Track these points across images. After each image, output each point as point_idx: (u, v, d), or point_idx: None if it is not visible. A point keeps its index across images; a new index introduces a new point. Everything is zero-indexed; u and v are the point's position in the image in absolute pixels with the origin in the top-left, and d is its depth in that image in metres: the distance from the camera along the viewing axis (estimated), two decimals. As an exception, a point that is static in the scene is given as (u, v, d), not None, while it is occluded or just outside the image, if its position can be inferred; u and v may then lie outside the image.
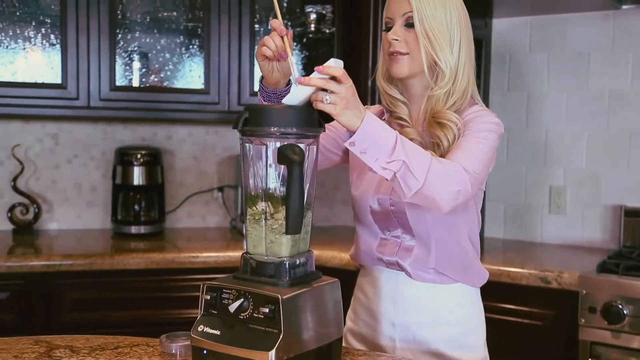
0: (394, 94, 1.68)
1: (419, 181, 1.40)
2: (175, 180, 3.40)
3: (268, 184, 1.33)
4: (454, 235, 1.63)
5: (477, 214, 1.67)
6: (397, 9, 1.61)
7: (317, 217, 3.55)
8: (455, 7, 1.61)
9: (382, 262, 1.68)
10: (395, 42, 1.60)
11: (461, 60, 1.60)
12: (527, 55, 3.17)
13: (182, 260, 2.75)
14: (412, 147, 1.42)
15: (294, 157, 1.24)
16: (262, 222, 1.34)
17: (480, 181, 1.53)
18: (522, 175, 3.20)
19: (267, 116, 1.31)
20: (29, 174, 3.18)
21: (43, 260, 2.61)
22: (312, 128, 1.35)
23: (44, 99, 2.90)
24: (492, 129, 1.57)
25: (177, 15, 3.09)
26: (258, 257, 1.35)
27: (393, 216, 1.63)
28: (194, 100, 3.08)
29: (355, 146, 1.38)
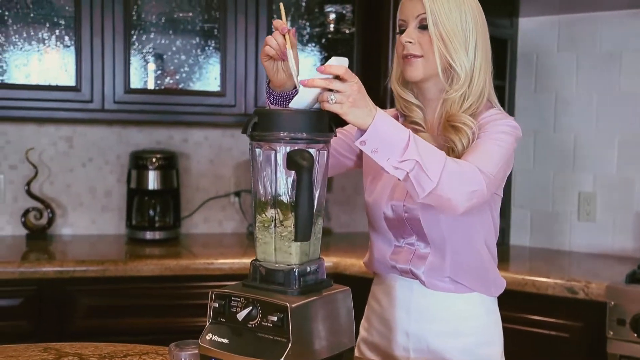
0: (408, 98, 1.70)
1: (432, 181, 1.40)
2: (191, 185, 3.44)
3: (277, 190, 1.36)
4: (470, 243, 1.64)
5: (493, 220, 1.68)
6: (410, 11, 1.63)
7: (337, 223, 3.57)
8: (470, 8, 1.62)
9: (395, 270, 1.70)
10: (408, 45, 1.62)
11: (477, 62, 1.61)
12: (555, 56, 3.17)
13: (197, 266, 2.79)
14: (426, 146, 1.43)
15: (302, 163, 1.27)
16: (271, 229, 1.37)
17: (496, 184, 1.54)
18: (549, 181, 3.20)
19: (277, 121, 1.33)
20: (43, 178, 3.24)
21: (56, 266, 2.66)
22: (322, 133, 1.37)
23: (57, 101, 2.95)
24: (508, 131, 1.58)
25: (193, 16, 3.13)
26: (267, 264, 1.38)
27: (407, 223, 1.64)
28: (210, 102, 3.12)
29: (366, 145, 1.39)
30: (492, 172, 1.50)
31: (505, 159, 1.56)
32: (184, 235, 3.37)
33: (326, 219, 3.56)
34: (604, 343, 2.44)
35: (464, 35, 1.60)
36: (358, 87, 1.38)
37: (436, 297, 1.65)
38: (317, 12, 3.25)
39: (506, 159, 1.56)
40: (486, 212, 1.64)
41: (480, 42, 1.62)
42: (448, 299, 1.65)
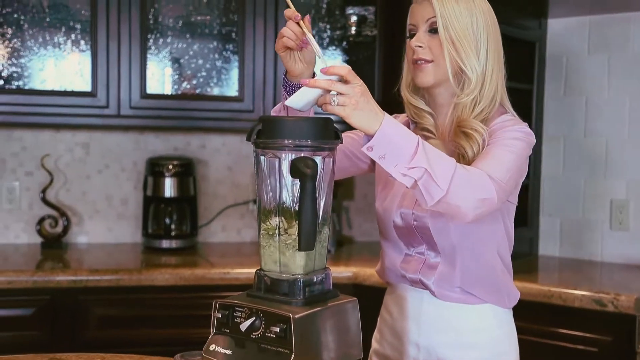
0: (419, 105, 1.72)
1: (442, 189, 1.42)
2: (208, 192, 3.49)
3: (282, 198, 1.38)
4: (482, 252, 1.65)
5: (506, 229, 1.69)
6: (420, 15, 1.65)
7: (358, 231, 3.59)
8: (481, 11, 1.64)
9: (406, 280, 1.71)
10: (419, 49, 1.64)
11: (488, 66, 1.63)
12: (586, 58, 3.15)
13: (212, 276, 2.82)
14: (435, 153, 1.45)
15: (306, 171, 1.29)
16: (275, 237, 1.39)
17: (507, 191, 1.55)
18: (579, 188, 3.18)
19: (281, 128, 1.36)
20: (58, 185, 3.31)
21: (70, 276, 2.72)
22: (327, 140, 1.39)
23: (73, 107, 3.02)
24: (520, 137, 1.59)
25: (211, 19, 3.18)
26: (272, 274, 1.40)
27: (416, 231, 1.66)
28: (228, 108, 3.16)
29: (373, 151, 1.41)
30: (503, 178, 1.51)
31: (518, 166, 1.57)
32: (201, 244, 3.41)
33: (347, 227, 3.58)
34: (633, 358, 2.42)
35: (474, 38, 1.61)
36: (362, 90, 1.40)
37: (447, 308, 1.66)
38: (338, 15, 3.28)
39: (518, 165, 1.57)
40: (498, 220, 1.65)
41: (492, 45, 1.64)
42: (459, 310, 1.66)
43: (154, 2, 3.11)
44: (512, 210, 1.71)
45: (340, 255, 3.25)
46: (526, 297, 2.57)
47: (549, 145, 3.24)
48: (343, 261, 3.11)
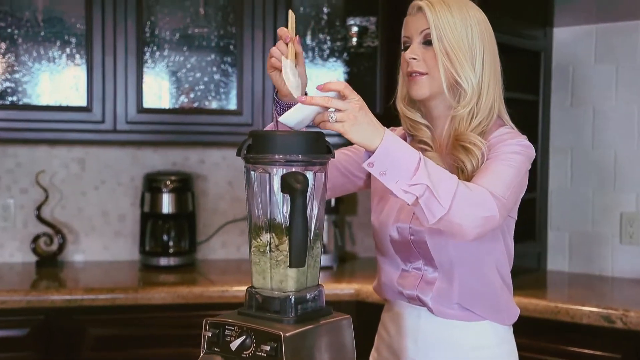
0: (415, 118, 1.74)
1: (443, 207, 1.43)
2: (208, 208, 3.51)
3: (272, 214, 1.40)
4: (480, 268, 1.66)
5: (506, 244, 1.70)
6: (414, 27, 1.67)
7: (361, 247, 3.60)
8: (476, 22, 1.66)
9: (403, 297, 1.73)
10: (413, 62, 1.66)
11: (484, 77, 1.65)
12: (592, 67, 3.17)
13: (210, 294, 2.84)
14: (437, 169, 1.46)
15: (296, 186, 1.31)
16: (266, 253, 1.41)
17: (508, 207, 1.56)
18: (588, 201, 3.19)
19: (271, 143, 1.38)
20: (54, 202, 3.34)
21: (64, 295, 2.74)
22: (319, 155, 1.41)
23: (68, 122, 3.05)
24: (519, 151, 1.61)
25: (209, 32, 3.21)
26: (263, 291, 1.42)
27: (413, 246, 1.67)
28: (227, 121, 3.18)
29: (373, 167, 1.42)
30: (504, 194, 1.53)
31: (518, 181, 1.59)
32: (200, 261, 3.43)
33: (350, 243, 3.59)
34: (643, 376, 2.42)
35: (470, 50, 1.63)
36: (360, 104, 1.42)
37: (445, 325, 1.67)
38: (338, 26, 3.31)
39: (518, 180, 1.59)
40: (497, 236, 1.67)
41: (488, 56, 1.66)
42: (458, 328, 1.67)
43: (151, 14, 3.15)
44: (511, 226, 1.72)
45: (343, 272, 3.26)
46: (532, 313, 2.58)
47: (556, 157, 3.25)
48: (346, 278, 3.12)
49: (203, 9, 3.22)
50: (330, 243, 3.34)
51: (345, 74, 3.34)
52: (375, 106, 3.18)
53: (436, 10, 1.64)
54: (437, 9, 1.64)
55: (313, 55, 3.28)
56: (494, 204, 1.49)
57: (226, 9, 3.22)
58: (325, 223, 3.33)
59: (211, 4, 3.21)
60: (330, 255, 3.30)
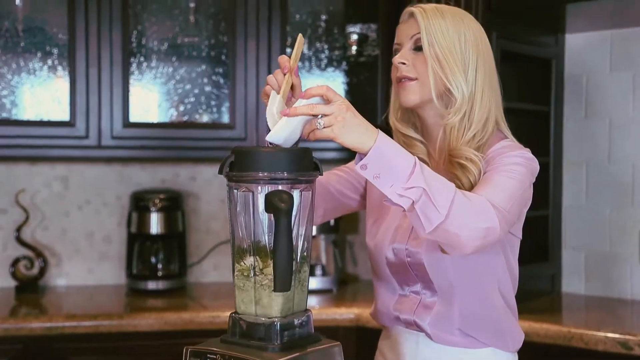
0: (409, 133, 1.76)
1: (441, 214, 1.44)
2: (199, 228, 3.53)
3: (256, 236, 1.41)
4: (481, 290, 1.67)
5: (509, 264, 1.71)
6: (405, 32, 1.71)
7: (364, 268, 3.61)
8: (470, 29, 1.68)
9: (400, 322, 1.73)
10: (402, 67, 1.69)
11: (477, 87, 1.67)
12: (608, 76, 3.18)
13: (201, 320, 2.85)
14: (433, 174, 1.48)
15: (280, 205, 1.32)
16: (251, 277, 1.42)
17: (510, 221, 1.57)
18: (605, 218, 3.19)
19: (255, 159, 1.40)
20: (35, 223, 3.36)
21: (44, 322, 2.75)
22: (305, 172, 1.42)
23: (50, 138, 3.07)
24: (521, 162, 1.62)
25: (199, 41, 3.24)
26: (248, 317, 1.43)
27: (410, 268, 1.69)
28: (219, 136, 3.21)
29: (367, 169, 1.44)
30: (505, 206, 1.54)
31: (520, 193, 1.59)
32: (191, 284, 3.44)
33: (352, 264, 3.60)
34: (662, 406, 2.42)
35: (462, 56, 1.65)
36: (346, 105, 1.44)
37: (444, 352, 1.68)
38: (337, 34, 3.33)
39: (521, 193, 1.60)
40: (499, 255, 1.68)
41: (482, 65, 1.68)
42: (458, 355, 1.68)
43: (137, 23, 3.18)
44: (515, 245, 1.73)
45: (344, 295, 3.27)
46: (543, 339, 2.59)
47: (569, 172, 3.25)
48: (346, 302, 3.13)
49: (193, 17, 3.25)
50: (329, 264, 3.35)
51: (344, 85, 3.36)
52: (376, 118, 3.18)
53: (428, 16, 1.67)
54: (429, 14, 1.67)
55: (310, 65, 3.31)
56: (495, 214, 1.50)
57: (217, 16, 3.25)
58: (324, 243, 3.34)
59: (202, 11, 3.24)
60: (330, 277, 3.31)
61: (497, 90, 1.72)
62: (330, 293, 3.28)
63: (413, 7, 1.71)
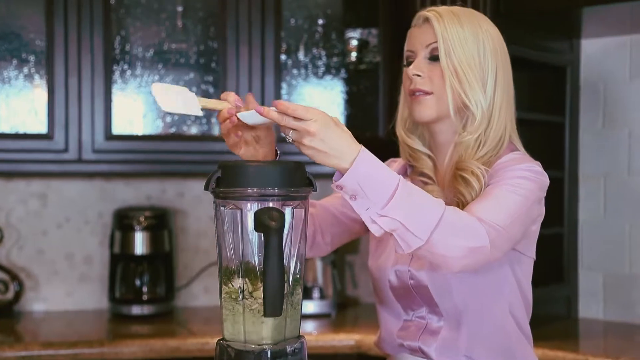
0: (415, 146, 1.76)
1: (420, 239, 1.46)
2: (188, 247, 3.53)
3: (245, 256, 1.42)
4: (491, 314, 1.67)
5: (520, 286, 1.71)
6: (419, 40, 1.70)
7: (366, 291, 3.61)
8: (489, 37, 1.69)
9: (404, 348, 1.74)
10: (417, 79, 1.69)
11: (496, 101, 1.67)
12: (627, 84, 3.19)
13: (188, 347, 2.85)
14: (419, 198, 1.48)
15: (270, 224, 1.33)
16: (239, 301, 1.43)
17: (509, 238, 1.57)
18: (624, 236, 3.19)
19: (244, 174, 1.41)
20: (10, 244, 3.36)
21: (19, 351, 2.74)
22: (297, 188, 1.43)
23: (26, 152, 3.08)
24: (528, 176, 1.62)
25: (187, 47, 3.26)
26: (236, 344, 1.44)
27: (414, 292, 1.69)
28: (209, 149, 3.21)
29: (343, 190, 1.46)
30: (501, 223, 1.54)
31: (525, 210, 1.60)
32: (180, 309, 3.44)
33: (352, 286, 3.61)
34: None
35: (481, 68, 1.66)
36: (317, 127, 1.42)
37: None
38: (335, 39, 3.35)
39: (525, 209, 1.60)
40: (507, 276, 1.68)
41: (501, 77, 1.68)
42: None
43: (121, 28, 3.20)
44: (526, 265, 1.73)
45: (344, 320, 3.27)
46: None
47: (586, 186, 3.26)
48: (346, 327, 3.13)
49: (181, 21, 3.26)
50: (327, 287, 3.35)
51: (343, 94, 3.38)
52: (377, 129, 3.21)
53: (445, 22, 1.67)
54: (445, 20, 1.67)
55: (307, 73, 3.33)
56: (484, 232, 1.51)
57: (207, 21, 3.27)
58: (321, 264, 3.34)
59: (190, 16, 3.26)
60: (328, 301, 3.31)
61: (512, 101, 1.73)
62: (329, 318, 3.28)
63: (427, 11, 1.71)
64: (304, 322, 3.09)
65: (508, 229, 1.56)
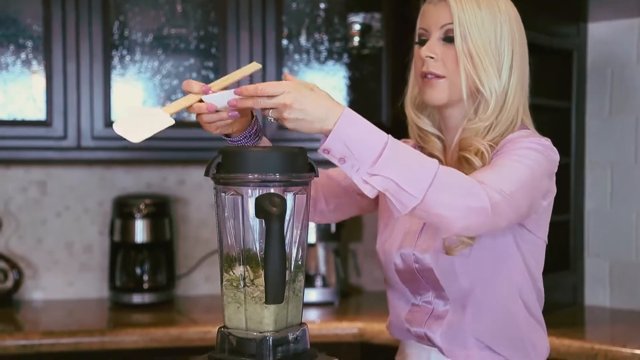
0: (424, 126, 1.75)
1: (416, 197, 1.44)
2: (189, 236, 3.54)
3: (246, 243, 1.43)
4: (499, 298, 1.67)
5: (529, 268, 1.70)
6: (434, 19, 1.67)
7: (369, 279, 3.62)
8: (507, 19, 1.67)
9: (411, 335, 1.74)
10: (430, 61, 1.66)
11: (511, 87, 1.66)
12: (635, 68, 3.19)
13: (190, 336, 2.86)
14: (410, 155, 1.46)
15: (272, 210, 1.33)
16: (240, 289, 1.43)
17: (515, 206, 1.54)
18: (631, 224, 3.19)
19: (244, 160, 1.41)
20: (9, 232, 3.37)
21: (19, 339, 2.76)
22: (299, 173, 1.44)
23: (25, 139, 3.08)
24: (535, 148, 1.61)
25: (187, 33, 3.25)
26: (237, 332, 1.44)
27: (419, 275, 1.69)
28: (209, 136, 3.19)
29: (330, 153, 1.45)
30: (504, 188, 1.51)
31: (530, 179, 1.57)
32: (180, 297, 3.46)
33: (355, 275, 3.61)
34: None
35: (497, 53, 1.64)
36: (293, 96, 1.43)
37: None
38: (337, 24, 3.34)
39: (531, 179, 1.57)
40: (515, 259, 1.66)
41: (517, 61, 1.67)
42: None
43: (119, 13, 3.19)
44: (536, 247, 1.71)
45: (347, 309, 3.28)
46: (564, 356, 2.59)
47: (592, 174, 3.26)
48: (349, 315, 3.14)
49: (180, 6, 3.26)
50: (330, 275, 3.35)
51: (346, 79, 3.37)
52: (380, 115, 3.21)
53: (462, 1, 1.64)
54: (462, 0, 1.64)
55: (309, 58, 3.32)
56: (483, 193, 1.48)
57: (207, 6, 3.26)
58: (324, 251, 3.35)
59: (189, 0, 3.26)
60: (331, 289, 3.32)
61: (527, 86, 1.71)
62: (332, 306, 3.28)
63: None
64: (307, 310, 3.14)
65: (512, 196, 1.52)
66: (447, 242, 1.62)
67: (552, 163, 1.65)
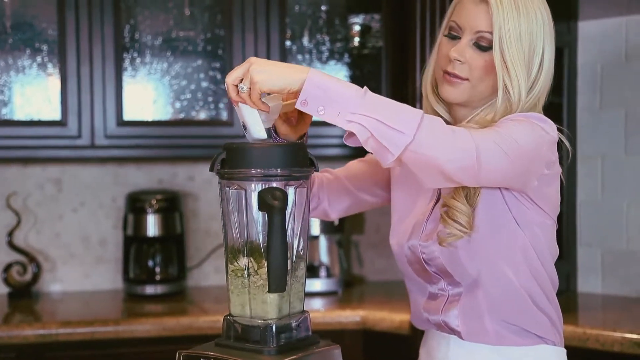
0: (440, 112, 1.72)
1: (407, 135, 1.38)
2: (199, 229, 3.55)
3: (250, 235, 1.43)
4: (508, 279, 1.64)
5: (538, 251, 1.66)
6: (471, 20, 1.61)
7: (371, 269, 3.63)
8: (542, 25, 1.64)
9: (430, 324, 1.75)
10: (456, 63, 1.62)
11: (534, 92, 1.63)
12: (624, 65, 3.18)
13: (200, 325, 2.87)
14: (392, 101, 1.43)
15: (273, 203, 1.34)
16: (244, 278, 1.44)
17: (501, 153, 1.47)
18: (622, 213, 3.19)
19: (247, 156, 1.42)
20: (27, 227, 3.39)
21: (38, 329, 2.78)
22: (300, 168, 1.44)
23: (41, 138, 3.10)
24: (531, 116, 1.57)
25: (194, 35, 3.26)
26: (242, 319, 1.45)
27: (428, 265, 1.69)
28: (217, 133, 3.23)
29: (308, 105, 1.41)
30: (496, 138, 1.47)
31: (525, 138, 1.51)
32: (191, 288, 3.46)
33: (358, 265, 3.62)
34: (682, 409, 2.42)
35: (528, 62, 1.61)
36: (255, 58, 1.45)
37: (477, 351, 1.67)
38: (338, 25, 3.35)
39: (527, 137, 1.51)
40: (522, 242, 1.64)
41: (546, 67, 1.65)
42: (490, 355, 1.67)
43: (130, 17, 3.20)
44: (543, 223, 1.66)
45: (350, 298, 3.29)
46: (557, 340, 2.59)
47: (584, 166, 3.26)
48: (351, 304, 3.15)
49: (188, 10, 3.27)
50: (334, 266, 3.36)
51: (346, 78, 3.37)
52: (380, 113, 3.21)
53: (504, 9, 1.57)
54: (505, 8, 1.57)
55: (311, 57, 3.33)
56: (470, 138, 1.44)
57: (213, 9, 3.27)
58: (327, 243, 3.35)
59: (197, 4, 3.27)
60: (335, 279, 3.33)
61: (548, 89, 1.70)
62: (335, 295, 3.29)
63: None
64: (311, 299, 3.14)
65: (500, 146, 1.47)
66: (440, 233, 1.62)
67: (551, 131, 1.60)
